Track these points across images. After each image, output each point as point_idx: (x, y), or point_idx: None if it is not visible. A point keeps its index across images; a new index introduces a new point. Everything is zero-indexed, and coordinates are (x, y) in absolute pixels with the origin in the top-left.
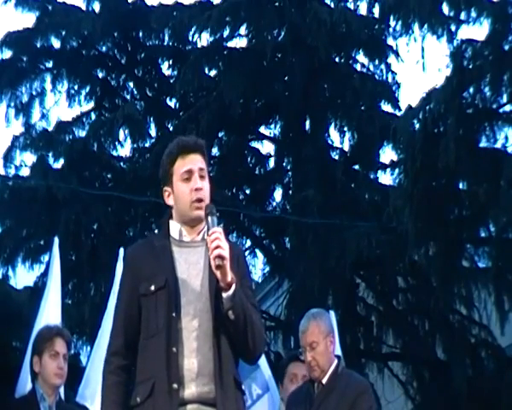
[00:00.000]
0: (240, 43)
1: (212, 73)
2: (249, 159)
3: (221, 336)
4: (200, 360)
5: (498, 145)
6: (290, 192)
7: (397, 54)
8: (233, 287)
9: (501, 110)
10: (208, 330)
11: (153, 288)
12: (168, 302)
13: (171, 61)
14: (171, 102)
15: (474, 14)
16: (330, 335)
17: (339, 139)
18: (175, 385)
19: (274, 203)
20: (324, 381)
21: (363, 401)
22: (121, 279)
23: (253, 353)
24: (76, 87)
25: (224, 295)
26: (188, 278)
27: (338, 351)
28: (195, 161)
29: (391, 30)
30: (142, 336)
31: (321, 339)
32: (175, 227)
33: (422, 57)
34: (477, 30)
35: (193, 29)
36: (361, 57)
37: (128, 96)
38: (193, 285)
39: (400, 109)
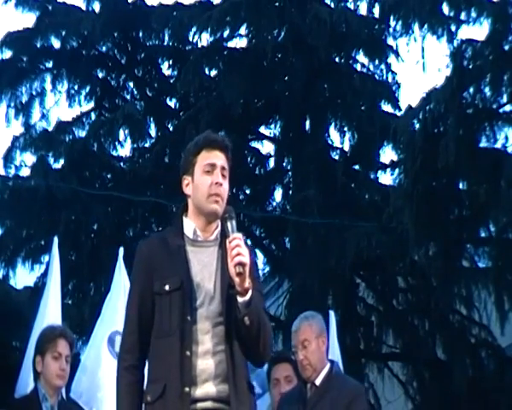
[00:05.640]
0: (240, 43)
1: (213, 73)
2: (249, 159)
3: (233, 340)
4: (215, 361)
5: (498, 145)
6: (290, 192)
7: (397, 54)
8: (249, 293)
9: (501, 110)
10: (221, 333)
11: (167, 288)
12: (183, 304)
13: (171, 61)
14: (171, 102)
15: (474, 14)
16: (322, 335)
17: (339, 139)
18: (187, 389)
19: (274, 203)
20: (318, 382)
21: (357, 404)
22: (134, 274)
23: (262, 356)
24: (76, 87)
25: (241, 300)
26: (201, 280)
27: (336, 355)
28: (220, 158)
29: (391, 30)
30: (154, 334)
31: (312, 338)
32: (189, 226)
33: (422, 57)
34: (477, 30)
35: (193, 29)
36: (361, 57)
37: (128, 96)
38: (206, 288)
39: (400, 109)
